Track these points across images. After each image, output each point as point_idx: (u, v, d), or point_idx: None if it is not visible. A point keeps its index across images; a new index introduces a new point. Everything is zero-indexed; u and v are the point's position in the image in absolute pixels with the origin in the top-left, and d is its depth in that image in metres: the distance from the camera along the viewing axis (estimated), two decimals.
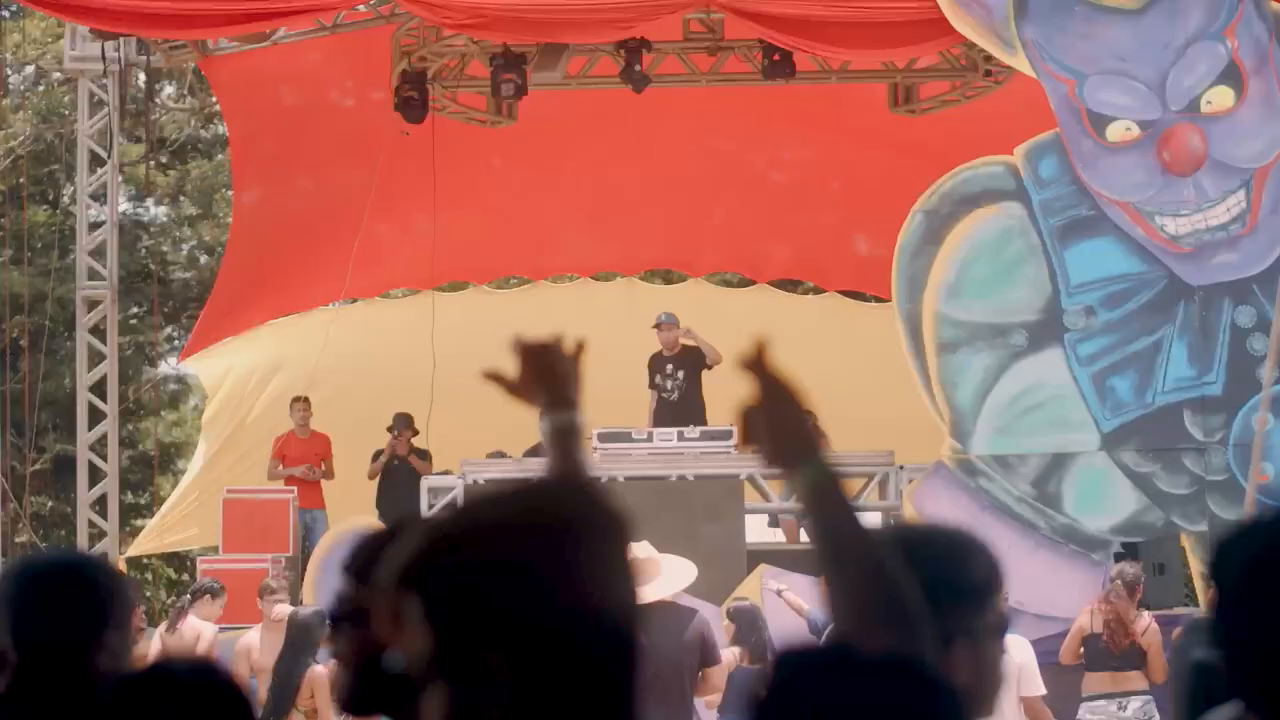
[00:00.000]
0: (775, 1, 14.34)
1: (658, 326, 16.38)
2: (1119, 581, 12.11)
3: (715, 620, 11.33)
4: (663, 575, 9.81)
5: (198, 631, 12.35)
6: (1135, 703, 11.61)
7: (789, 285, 20.60)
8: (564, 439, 2.71)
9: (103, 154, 17.78)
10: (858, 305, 19.38)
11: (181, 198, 27.49)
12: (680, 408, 16.08)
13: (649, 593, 9.93)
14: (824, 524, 2.34)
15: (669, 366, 16.29)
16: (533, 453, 16.13)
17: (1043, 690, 10.11)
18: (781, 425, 2.38)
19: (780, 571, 13.86)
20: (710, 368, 16.12)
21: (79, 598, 3.15)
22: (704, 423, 15.84)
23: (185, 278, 27.40)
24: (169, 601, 22.64)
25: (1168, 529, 13.87)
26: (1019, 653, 10.25)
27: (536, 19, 14.50)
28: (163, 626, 12.77)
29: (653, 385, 16.34)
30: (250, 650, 12.01)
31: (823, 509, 2.34)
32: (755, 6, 14.36)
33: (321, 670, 10.21)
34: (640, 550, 10.12)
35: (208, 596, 12.70)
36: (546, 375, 2.79)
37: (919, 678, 2.02)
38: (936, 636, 2.27)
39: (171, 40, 16.37)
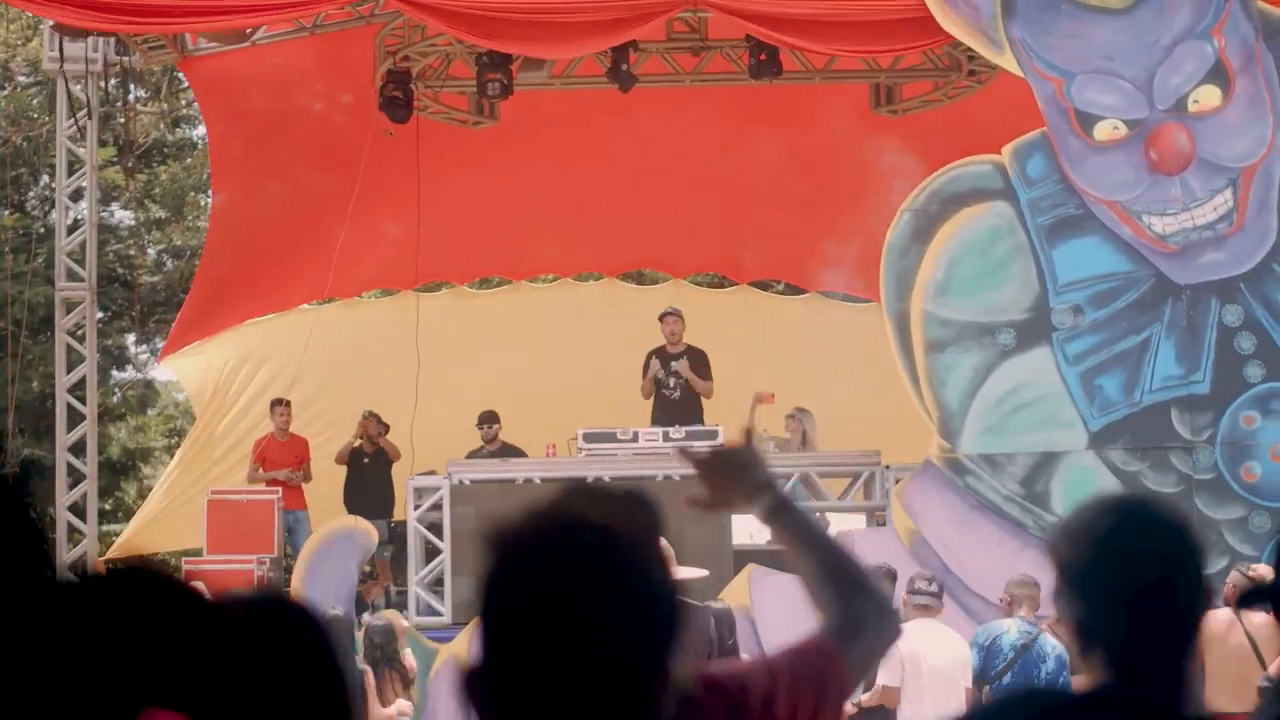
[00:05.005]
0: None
1: (662, 318, 16.37)
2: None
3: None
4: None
5: None
6: None
7: (767, 286, 20.58)
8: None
9: (81, 154, 17.66)
10: (839, 305, 19.38)
11: (149, 202, 27.34)
12: (681, 405, 16.06)
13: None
14: (791, 532, 2.81)
15: (672, 364, 16.24)
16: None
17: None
18: (735, 472, 2.85)
19: (769, 571, 13.85)
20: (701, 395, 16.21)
21: None
22: (703, 421, 15.87)
23: (153, 282, 27.24)
24: None
25: None
26: (965, 647, 10.28)
27: (522, 21, 14.43)
28: None
29: (652, 376, 16.24)
30: None
31: (786, 523, 2.82)
32: (744, 4, 14.34)
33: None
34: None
35: None
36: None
37: None
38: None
39: (151, 40, 16.28)
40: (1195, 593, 2.64)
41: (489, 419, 16.54)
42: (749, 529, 16.37)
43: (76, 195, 17.89)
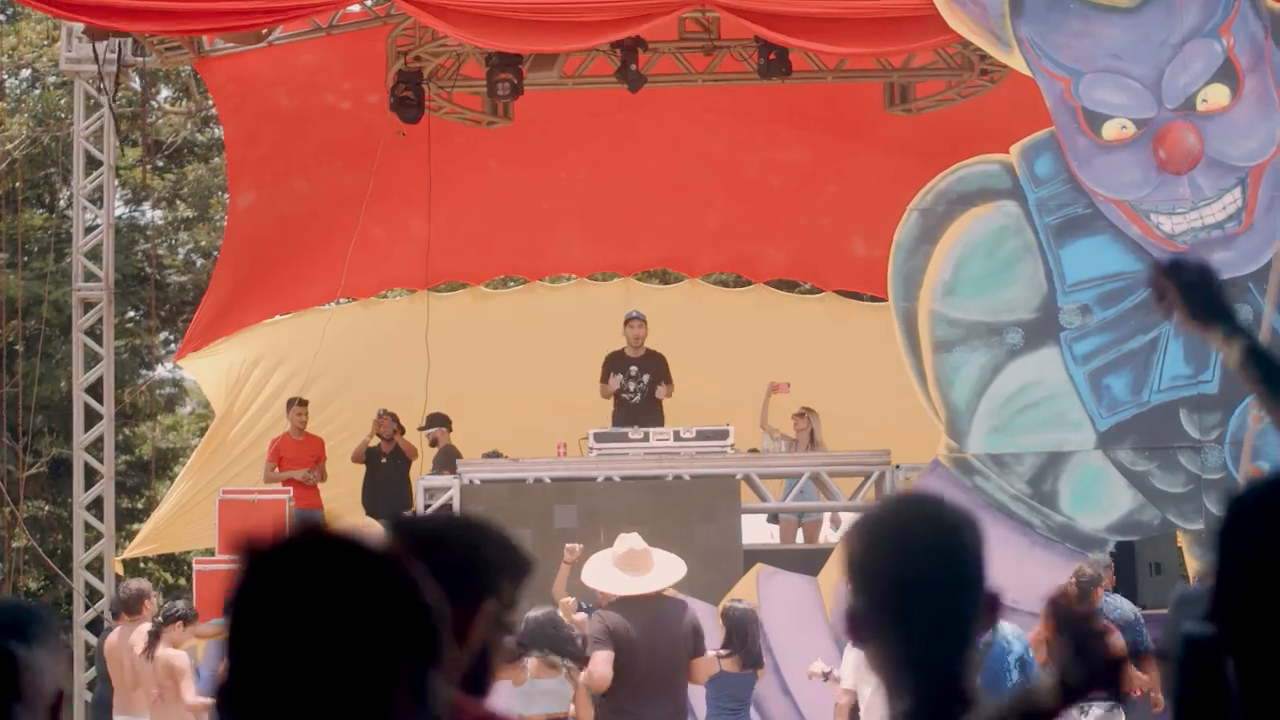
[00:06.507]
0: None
1: (628, 322, 16.32)
2: (1075, 583, 11.67)
3: (709, 619, 11.28)
4: (656, 568, 9.86)
5: (168, 659, 11.44)
6: (1097, 710, 11.42)
7: (786, 285, 20.58)
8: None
9: (99, 155, 17.75)
10: (855, 305, 19.37)
11: (177, 201, 27.48)
12: (641, 410, 15.99)
13: (645, 584, 9.95)
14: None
15: (633, 369, 16.19)
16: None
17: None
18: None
19: (776, 571, 13.86)
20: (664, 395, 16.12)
21: None
22: (663, 422, 15.79)
23: (181, 281, 27.38)
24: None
25: (1164, 527, 13.85)
26: None
27: (531, 21, 14.46)
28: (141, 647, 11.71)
29: (606, 380, 16.19)
30: None
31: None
32: (751, 5, 14.33)
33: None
34: (633, 542, 10.14)
35: (180, 623, 11.64)
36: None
37: None
38: None
39: (167, 41, 16.37)
40: (967, 595, 2.64)
41: (433, 421, 16.51)
42: (755, 528, 16.40)
43: (98, 195, 17.97)
